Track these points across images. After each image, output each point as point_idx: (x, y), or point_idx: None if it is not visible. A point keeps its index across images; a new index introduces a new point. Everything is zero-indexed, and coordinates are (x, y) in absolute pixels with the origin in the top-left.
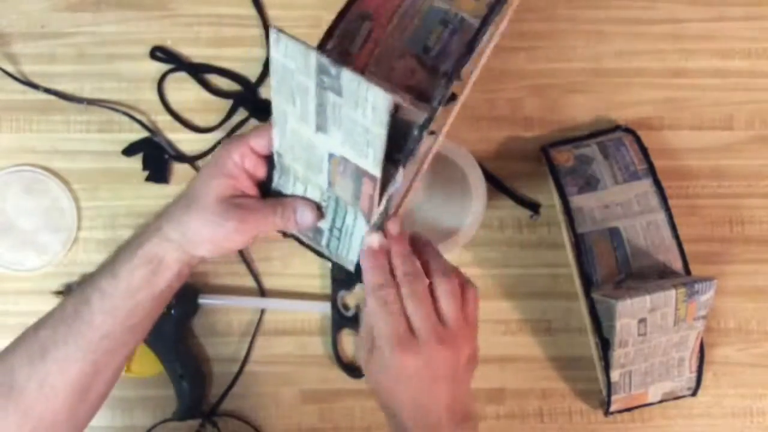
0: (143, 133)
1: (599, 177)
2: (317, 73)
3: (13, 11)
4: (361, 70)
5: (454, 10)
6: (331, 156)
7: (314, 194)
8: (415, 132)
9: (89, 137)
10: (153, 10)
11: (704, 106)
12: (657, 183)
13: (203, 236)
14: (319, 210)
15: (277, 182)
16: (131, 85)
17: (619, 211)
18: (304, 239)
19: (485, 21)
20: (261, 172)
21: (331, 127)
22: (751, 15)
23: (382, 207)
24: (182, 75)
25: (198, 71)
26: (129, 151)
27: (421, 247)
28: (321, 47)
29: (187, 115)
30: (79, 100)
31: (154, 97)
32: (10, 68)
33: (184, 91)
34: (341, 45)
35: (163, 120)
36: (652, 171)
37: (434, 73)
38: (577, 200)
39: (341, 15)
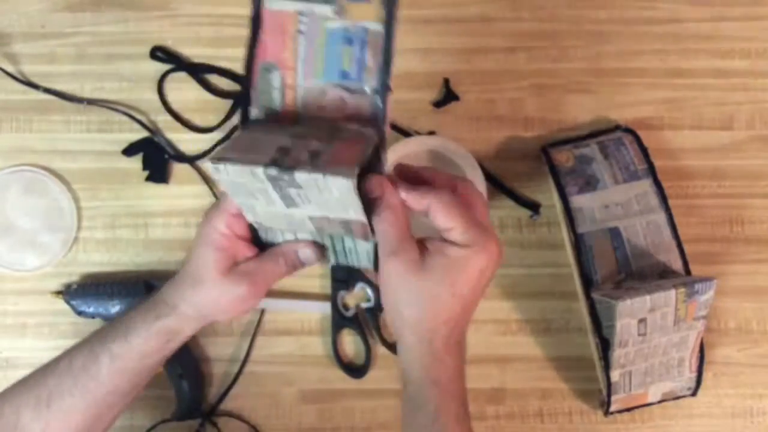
0: (143, 133)
1: (599, 177)
2: (271, 183)
3: (13, 11)
4: (293, 121)
5: (352, 23)
6: (312, 218)
7: (305, 237)
8: (379, 156)
9: (89, 137)
10: (153, 10)
11: (704, 106)
12: (657, 183)
13: (220, 308)
14: (317, 245)
15: (266, 238)
16: (131, 85)
17: (619, 211)
18: None
19: (390, 20)
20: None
21: (302, 204)
22: (751, 15)
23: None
24: (182, 75)
25: (198, 71)
26: (129, 151)
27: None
28: (244, 119)
29: (187, 115)
30: (79, 100)
31: (154, 97)
32: (10, 68)
33: (184, 91)
34: (263, 104)
35: (163, 120)
36: (652, 171)
37: (362, 92)
38: (577, 200)
39: (249, 77)
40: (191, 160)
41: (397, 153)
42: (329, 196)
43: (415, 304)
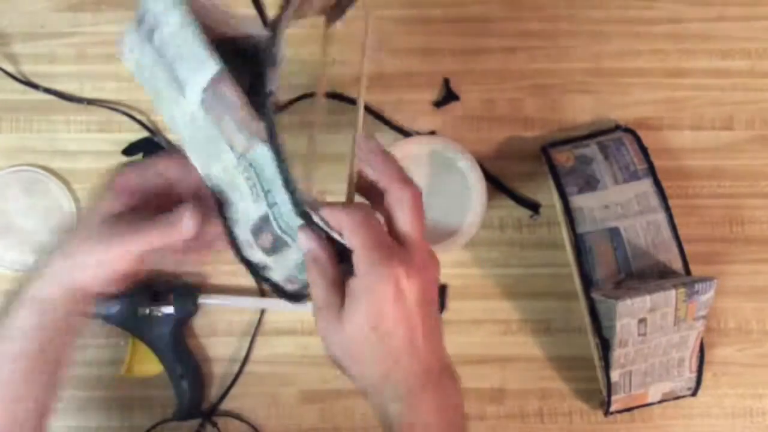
0: (143, 133)
1: (599, 177)
2: (146, 34)
3: (13, 11)
4: None
5: None
6: (202, 103)
7: (245, 191)
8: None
9: (89, 137)
10: None
11: (704, 106)
12: (657, 183)
13: (88, 262)
14: (199, 209)
15: (231, 218)
16: (131, 85)
17: (619, 211)
18: (287, 273)
19: None
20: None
21: (178, 69)
22: (751, 15)
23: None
24: None
25: None
26: (129, 151)
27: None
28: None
29: None
30: (79, 100)
31: None
32: (10, 68)
33: None
34: None
35: (163, 120)
36: (652, 171)
37: None
38: (577, 200)
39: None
40: None
41: (397, 153)
42: (169, 26)
43: (344, 358)
